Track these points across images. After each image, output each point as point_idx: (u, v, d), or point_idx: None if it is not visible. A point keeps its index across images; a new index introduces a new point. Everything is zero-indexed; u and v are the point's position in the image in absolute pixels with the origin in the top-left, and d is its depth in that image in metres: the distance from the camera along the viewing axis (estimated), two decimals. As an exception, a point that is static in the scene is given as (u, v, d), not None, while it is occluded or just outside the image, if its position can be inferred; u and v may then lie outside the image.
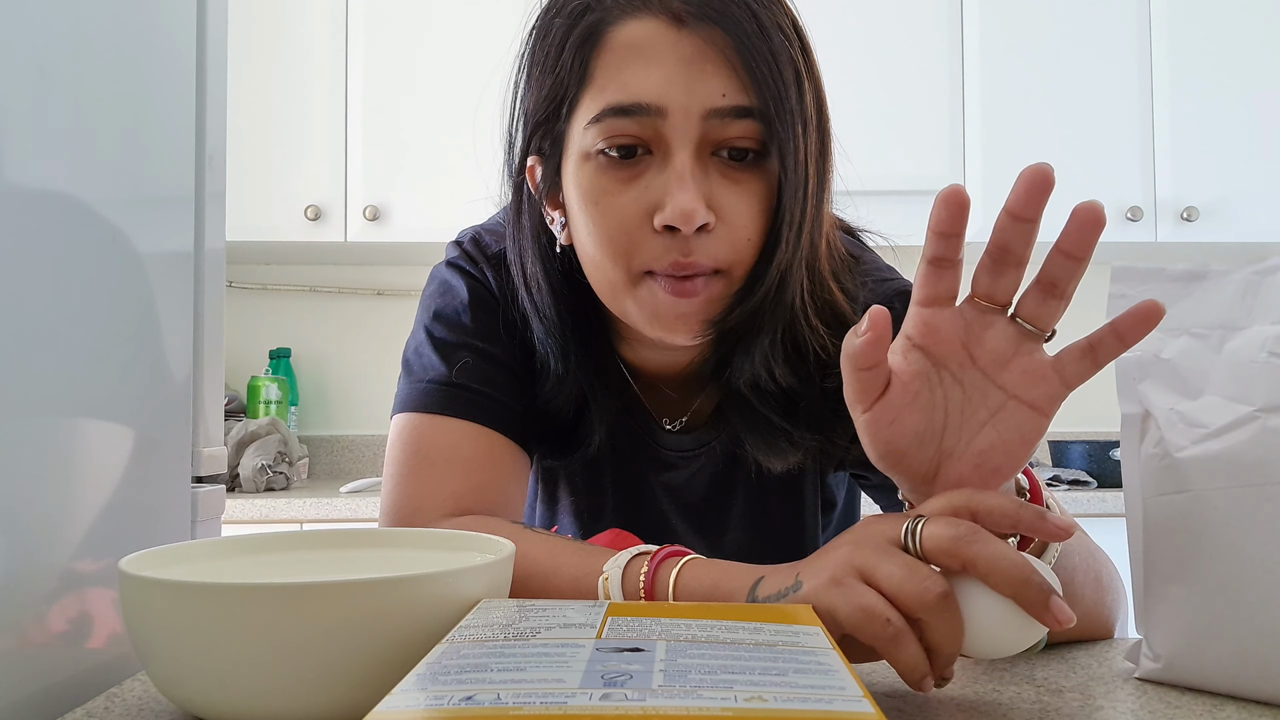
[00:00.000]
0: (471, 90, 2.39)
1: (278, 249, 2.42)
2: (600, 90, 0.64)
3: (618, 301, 0.69)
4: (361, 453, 2.62)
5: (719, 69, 0.63)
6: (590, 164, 0.66)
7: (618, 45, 0.64)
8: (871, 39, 2.34)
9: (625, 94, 0.63)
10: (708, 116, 0.63)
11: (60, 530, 0.56)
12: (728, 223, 0.65)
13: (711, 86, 0.63)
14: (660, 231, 0.64)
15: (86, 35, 0.60)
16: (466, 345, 0.77)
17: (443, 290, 0.80)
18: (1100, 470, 2.16)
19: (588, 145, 0.65)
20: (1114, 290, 0.56)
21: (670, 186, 0.63)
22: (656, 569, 0.59)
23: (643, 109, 0.63)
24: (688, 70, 0.63)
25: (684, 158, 0.63)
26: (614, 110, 0.63)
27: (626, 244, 0.65)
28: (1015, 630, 0.47)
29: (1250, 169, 2.34)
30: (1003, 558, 0.46)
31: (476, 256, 0.80)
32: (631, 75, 0.63)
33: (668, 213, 0.63)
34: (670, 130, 0.63)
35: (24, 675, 0.52)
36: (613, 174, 0.65)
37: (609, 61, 0.64)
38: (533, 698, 0.32)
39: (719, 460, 0.83)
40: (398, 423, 0.77)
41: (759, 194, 0.66)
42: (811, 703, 0.32)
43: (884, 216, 2.77)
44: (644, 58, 0.63)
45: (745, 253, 0.66)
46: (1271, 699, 0.49)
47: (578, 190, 0.67)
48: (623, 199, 0.65)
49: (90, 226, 0.60)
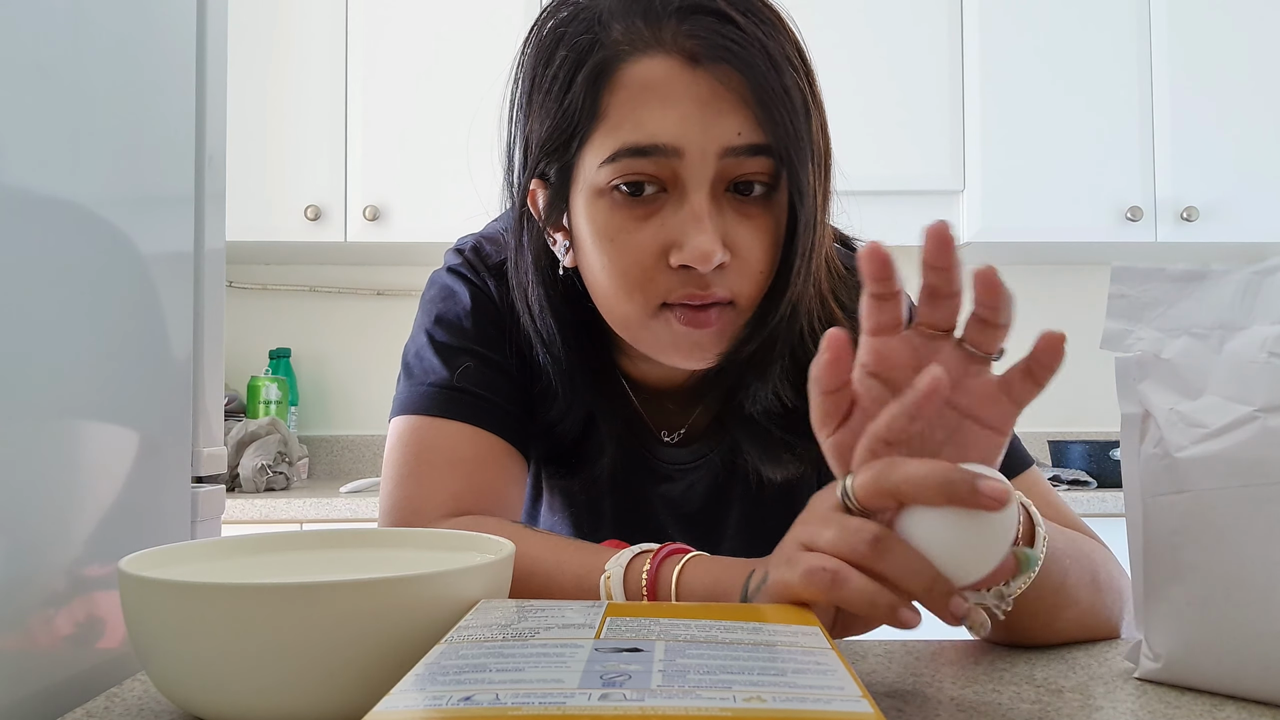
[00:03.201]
0: (472, 91, 2.40)
1: (278, 249, 2.42)
2: (615, 128, 0.64)
3: (632, 332, 0.70)
4: (361, 453, 2.62)
5: (734, 108, 0.63)
6: (604, 200, 0.66)
7: (632, 83, 0.64)
8: (871, 39, 2.34)
9: (642, 134, 0.63)
10: (723, 155, 0.64)
11: (60, 530, 0.56)
12: (741, 257, 0.66)
13: (727, 126, 0.63)
14: (676, 269, 0.65)
15: (86, 35, 0.60)
16: (468, 350, 0.77)
17: (445, 295, 0.80)
18: (1100, 470, 2.16)
19: (601, 182, 0.65)
20: (1114, 290, 0.56)
21: (687, 226, 0.64)
22: (659, 567, 0.60)
23: (660, 149, 0.63)
24: (703, 111, 0.63)
25: (701, 198, 0.64)
26: (630, 150, 0.63)
27: (643, 280, 0.66)
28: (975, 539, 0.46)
29: (1250, 169, 2.34)
30: (922, 472, 0.46)
31: (478, 265, 0.81)
32: (648, 115, 0.63)
33: (686, 253, 0.63)
34: (686, 170, 0.64)
35: (24, 675, 0.52)
36: (628, 211, 0.65)
37: (623, 99, 0.64)
38: (531, 698, 0.32)
39: (716, 472, 0.84)
40: (397, 425, 0.77)
41: (770, 228, 0.67)
42: (810, 703, 0.32)
43: (884, 216, 2.77)
44: (659, 97, 0.63)
45: (758, 284, 0.67)
46: (1271, 699, 0.49)
47: (591, 225, 0.67)
48: (639, 236, 0.65)
49: (90, 226, 0.60)
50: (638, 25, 0.64)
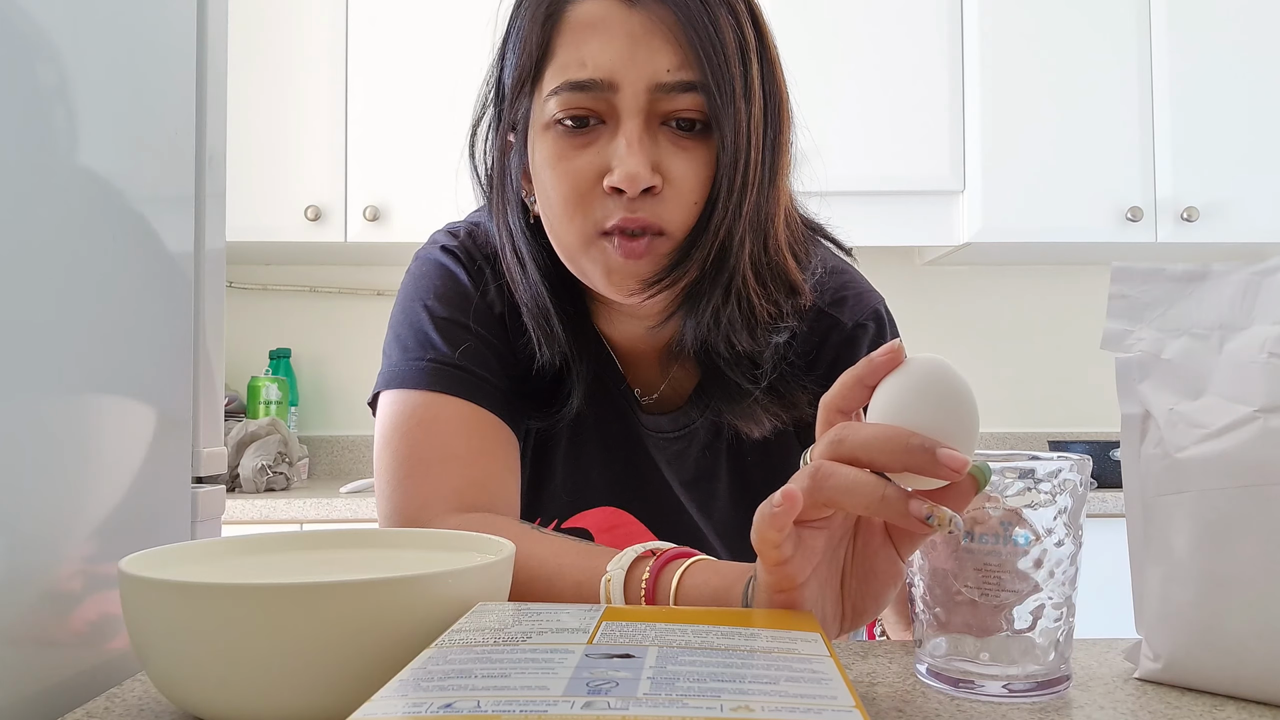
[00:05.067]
0: (472, 91, 2.39)
1: (278, 249, 2.42)
2: (562, 66, 0.70)
3: (576, 262, 0.73)
4: (361, 453, 2.62)
5: (665, 44, 0.68)
6: (550, 132, 0.71)
7: (575, 22, 0.70)
8: (872, 39, 2.34)
9: (581, 71, 0.69)
10: (654, 90, 0.68)
11: (60, 530, 0.56)
12: (675, 186, 0.69)
13: (658, 63, 0.68)
14: (610, 193, 0.69)
15: (87, 36, 0.60)
16: (467, 328, 0.78)
17: (441, 273, 0.81)
18: (1100, 470, 2.16)
19: (548, 116, 0.70)
20: (1114, 290, 0.56)
21: (619, 151, 0.68)
22: (659, 573, 0.59)
23: (596, 84, 0.68)
24: (635, 47, 0.68)
25: (632, 126, 0.68)
26: (570, 85, 0.69)
27: (581, 204, 0.70)
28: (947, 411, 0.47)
29: (1250, 169, 2.34)
30: (875, 437, 0.46)
31: (472, 250, 0.82)
32: (587, 52, 0.69)
33: (616, 176, 0.68)
34: (621, 102, 0.68)
35: (24, 675, 0.52)
36: (568, 140, 0.70)
37: (568, 39, 0.70)
38: (513, 705, 0.32)
39: (703, 441, 0.85)
40: (396, 399, 0.77)
41: (706, 161, 0.70)
42: (800, 713, 0.31)
43: (884, 217, 2.77)
44: (598, 34, 0.69)
45: (691, 215, 0.71)
46: (1271, 699, 0.49)
47: (540, 157, 0.72)
48: (578, 162, 0.70)
49: (90, 226, 0.60)
50: None
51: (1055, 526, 0.50)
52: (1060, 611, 0.51)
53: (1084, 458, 0.52)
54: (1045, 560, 0.50)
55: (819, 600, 0.51)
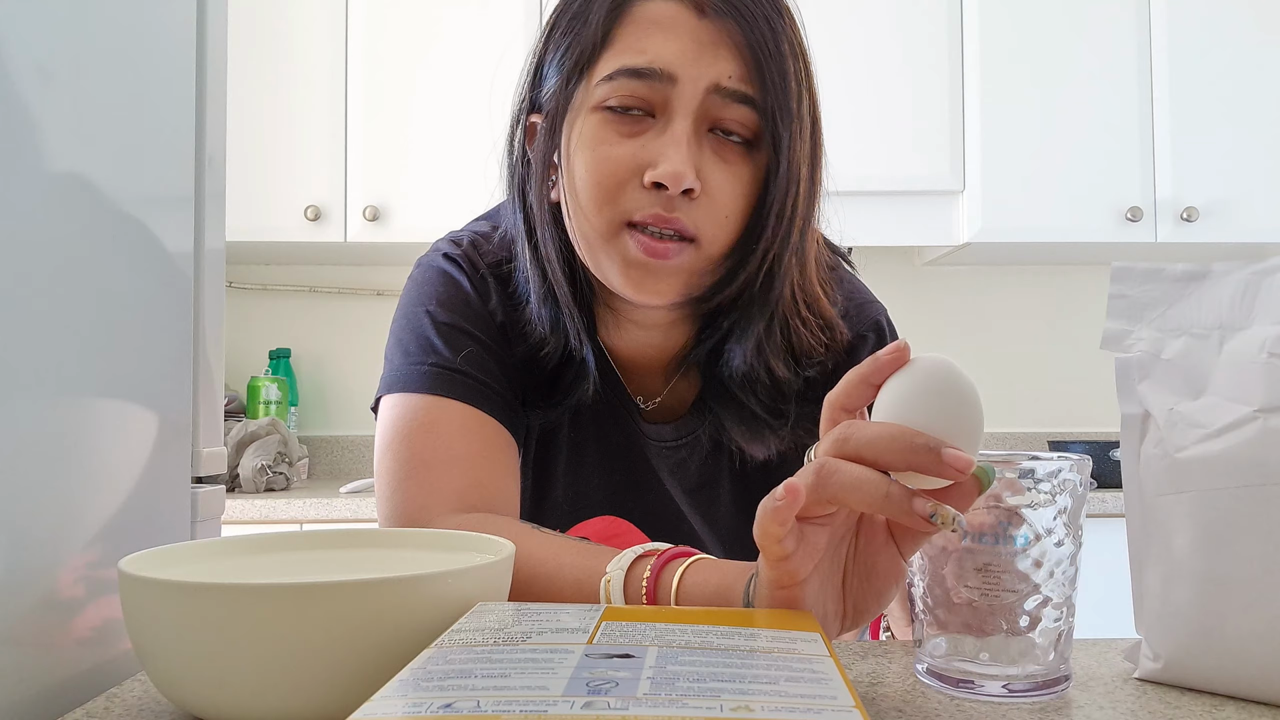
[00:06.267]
0: (472, 90, 2.40)
1: (278, 249, 2.42)
2: (619, 54, 0.69)
3: (593, 253, 0.72)
4: (361, 453, 2.62)
5: (731, 55, 0.68)
6: (596, 116, 0.70)
7: (641, 18, 0.70)
8: (871, 39, 2.34)
9: (642, 58, 0.68)
10: (712, 91, 0.68)
11: (60, 530, 0.56)
12: (711, 195, 0.69)
13: (721, 68, 0.68)
14: (648, 187, 0.68)
15: (86, 35, 0.60)
16: (471, 335, 0.78)
17: (445, 280, 0.81)
18: (1100, 470, 2.16)
19: (596, 100, 0.70)
20: (1114, 290, 0.56)
21: (666, 148, 0.68)
22: (659, 573, 0.59)
23: (655, 74, 0.68)
24: (701, 49, 0.68)
25: (683, 125, 0.68)
26: (629, 71, 0.68)
27: (614, 191, 0.69)
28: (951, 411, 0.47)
29: (1250, 169, 2.34)
30: (880, 435, 0.46)
31: (476, 260, 0.82)
32: (650, 43, 0.68)
33: (659, 171, 0.67)
34: (676, 97, 0.68)
35: (24, 675, 0.52)
36: (615, 127, 0.69)
37: (630, 30, 0.69)
38: (513, 705, 0.32)
39: (705, 451, 0.85)
40: (397, 403, 0.77)
41: (745, 178, 0.70)
42: (800, 713, 0.31)
43: (884, 217, 2.77)
44: (663, 30, 0.69)
45: (722, 229, 0.70)
46: (1271, 699, 0.49)
47: (579, 139, 0.71)
48: (619, 149, 0.69)
49: (90, 226, 0.60)
50: None
51: (1055, 526, 0.50)
52: (1060, 611, 0.51)
53: (1084, 458, 0.52)
54: (1045, 560, 0.50)
55: (820, 597, 0.51)
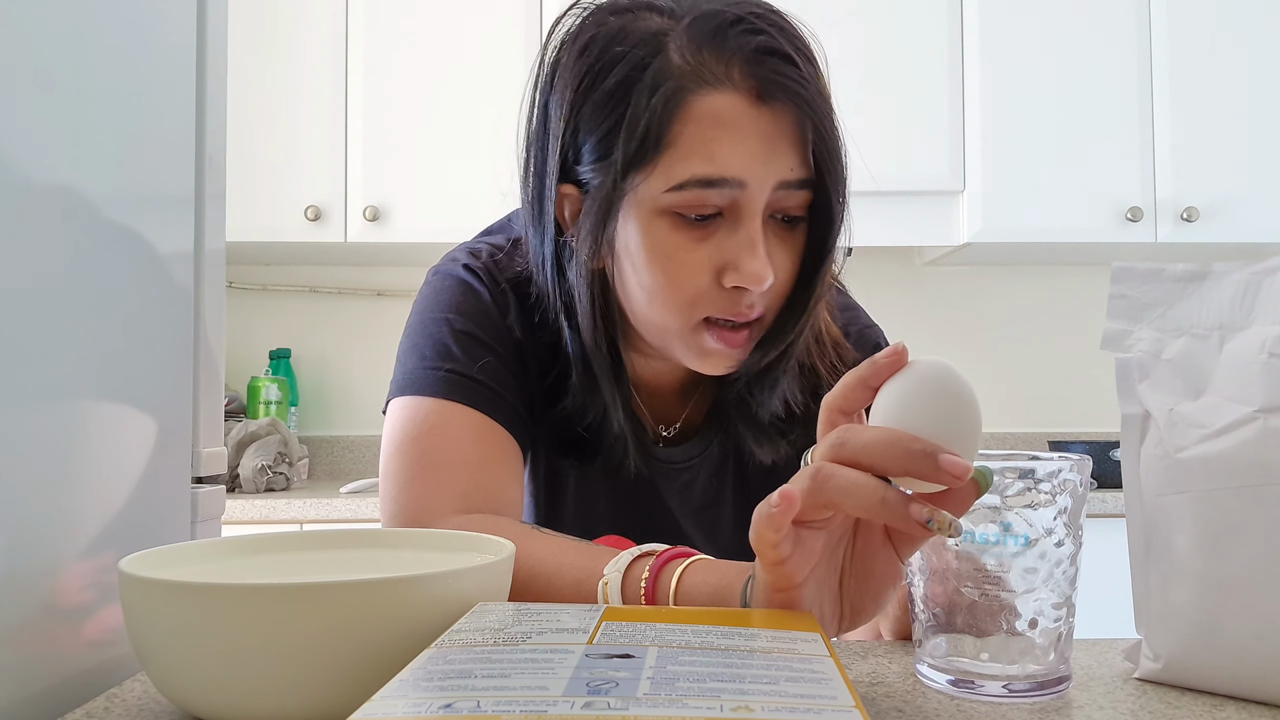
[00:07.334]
0: (472, 91, 2.40)
1: (278, 249, 2.42)
2: (684, 157, 0.67)
3: (664, 340, 0.74)
4: (361, 453, 2.62)
5: (791, 144, 0.68)
6: (664, 220, 0.69)
7: (702, 116, 0.67)
8: (871, 39, 2.34)
9: (712, 167, 0.67)
10: (778, 188, 0.69)
11: (60, 530, 0.56)
12: (776, 277, 0.71)
13: (783, 163, 0.68)
14: (728, 289, 0.70)
15: (86, 35, 0.60)
16: (488, 346, 0.78)
17: (464, 290, 0.81)
18: (1100, 470, 2.16)
19: (664, 205, 0.68)
20: (1114, 290, 0.56)
21: (743, 251, 0.68)
22: (658, 573, 0.59)
23: (726, 182, 0.67)
24: (766, 147, 0.67)
25: (756, 226, 0.69)
26: (700, 182, 0.67)
27: (693, 297, 0.70)
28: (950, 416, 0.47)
29: (1250, 169, 2.34)
30: (877, 440, 0.46)
31: (496, 275, 0.82)
32: (718, 149, 0.67)
33: (743, 276, 0.68)
34: (746, 200, 0.68)
35: (24, 675, 0.52)
36: (686, 233, 0.69)
37: (693, 132, 0.67)
38: (513, 705, 0.32)
39: (711, 470, 0.86)
40: (408, 405, 0.77)
41: (798, 249, 0.73)
42: (800, 713, 0.31)
43: (884, 217, 2.76)
44: (729, 132, 0.67)
45: (779, 299, 0.73)
46: (1271, 699, 0.49)
47: (647, 241, 0.70)
48: (695, 255, 0.69)
49: (90, 226, 0.60)
50: (707, 59, 0.67)
51: (1055, 526, 0.50)
52: (1060, 611, 0.51)
53: (1084, 458, 0.52)
54: (1045, 560, 0.50)
55: (817, 599, 0.51)
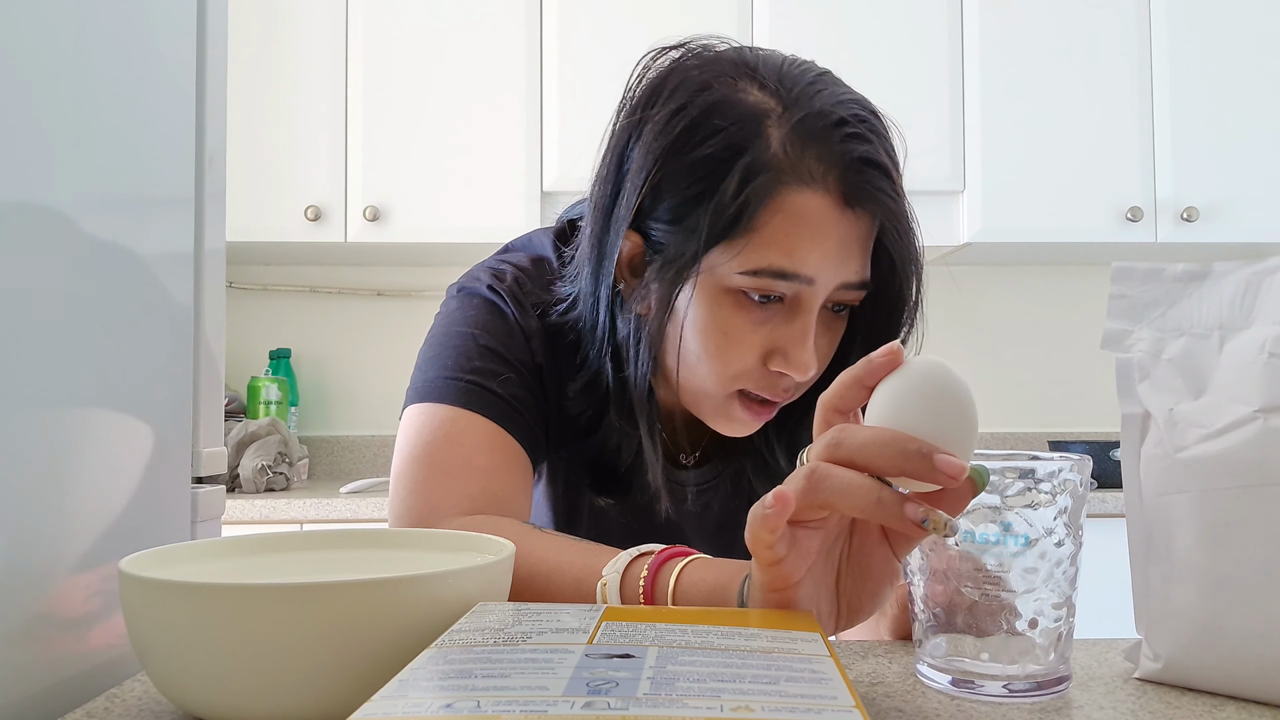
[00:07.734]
0: (473, 90, 2.40)
1: (278, 249, 2.42)
2: (765, 246, 0.69)
3: (695, 400, 0.77)
4: (362, 453, 2.62)
5: (862, 250, 0.71)
6: (730, 298, 0.71)
7: (791, 210, 0.68)
8: (871, 39, 2.34)
9: (789, 263, 0.69)
10: (840, 288, 0.71)
11: (60, 530, 0.56)
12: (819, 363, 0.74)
13: (852, 267, 0.71)
14: (772, 371, 0.73)
15: (86, 35, 0.60)
16: (510, 364, 0.79)
17: (490, 309, 0.81)
18: (1100, 470, 2.16)
19: (735, 284, 0.70)
20: (1114, 290, 0.56)
21: (794, 341, 0.72)
22: (656, 572, 0.59)
23: (800, 278, 0.69)
24: (841, 250, 0.70)
25: (811, 319, 0.71)
26: (775, 273, 0.69)
27: (738, 372, 0.73)
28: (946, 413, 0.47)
29: (1250, 169, 2.34)
30: (872, 440, 0.46)
31: (521, 298, 0.82)
32: (798, 245, 0.68)
33: (791, 364, 0.72)
34: (810, 295, 0.71)
35: (24, 675, 0.52)
36: (748, 314, 0.72)
37: (779, 223, 0.68)
38: (513, 706, 0.32)
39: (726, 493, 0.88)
40: (424, 411, 0.77)
41: (839, 333, 0.76)
42: (800, 713, 0.31)
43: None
44: (809, 230, 0.68)
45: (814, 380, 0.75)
46: (1271, 699, 0.49)
47: (709, 314, 0.72)
48: (750, 337, 0.72)
49: (90, 226, 0.60)
50: (808, 158, 0.68)
51: (1055, 526, 0.50)
52: (1060, 611, 0.51)
53: (1084, 458, 0.52)
54: (1045, 560, 0.50)
55: (814, 599, 0.51)
